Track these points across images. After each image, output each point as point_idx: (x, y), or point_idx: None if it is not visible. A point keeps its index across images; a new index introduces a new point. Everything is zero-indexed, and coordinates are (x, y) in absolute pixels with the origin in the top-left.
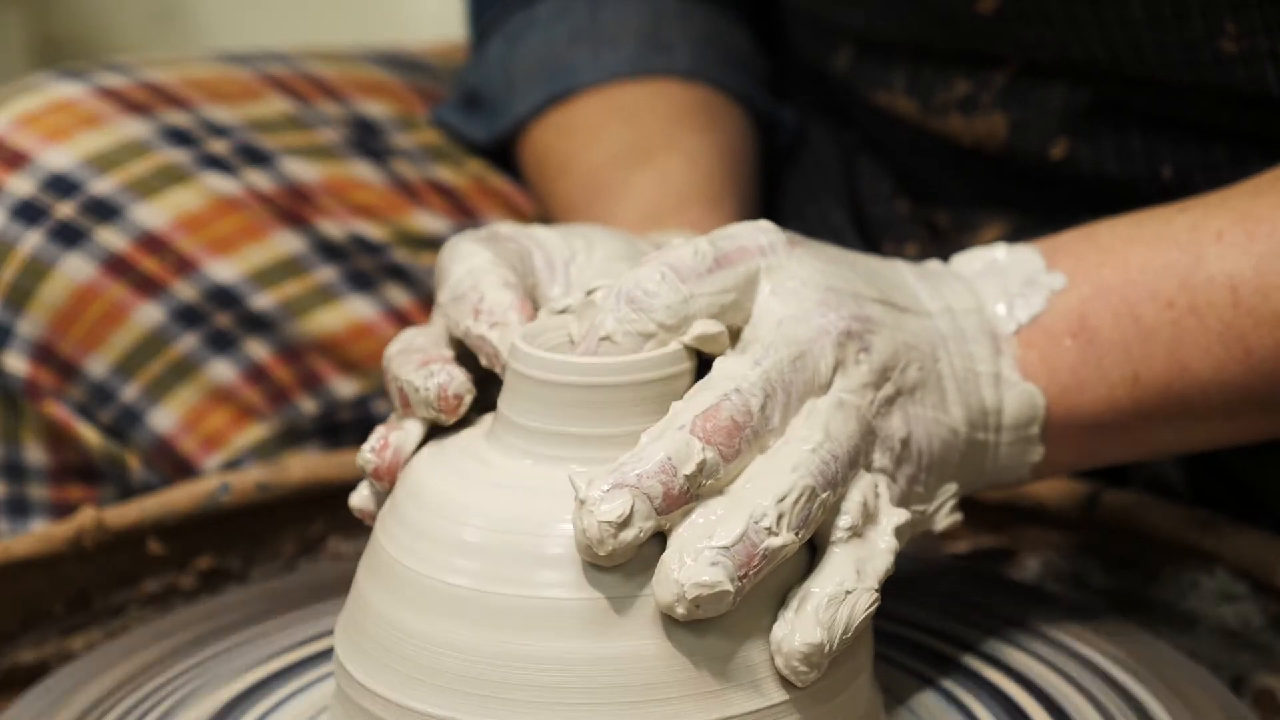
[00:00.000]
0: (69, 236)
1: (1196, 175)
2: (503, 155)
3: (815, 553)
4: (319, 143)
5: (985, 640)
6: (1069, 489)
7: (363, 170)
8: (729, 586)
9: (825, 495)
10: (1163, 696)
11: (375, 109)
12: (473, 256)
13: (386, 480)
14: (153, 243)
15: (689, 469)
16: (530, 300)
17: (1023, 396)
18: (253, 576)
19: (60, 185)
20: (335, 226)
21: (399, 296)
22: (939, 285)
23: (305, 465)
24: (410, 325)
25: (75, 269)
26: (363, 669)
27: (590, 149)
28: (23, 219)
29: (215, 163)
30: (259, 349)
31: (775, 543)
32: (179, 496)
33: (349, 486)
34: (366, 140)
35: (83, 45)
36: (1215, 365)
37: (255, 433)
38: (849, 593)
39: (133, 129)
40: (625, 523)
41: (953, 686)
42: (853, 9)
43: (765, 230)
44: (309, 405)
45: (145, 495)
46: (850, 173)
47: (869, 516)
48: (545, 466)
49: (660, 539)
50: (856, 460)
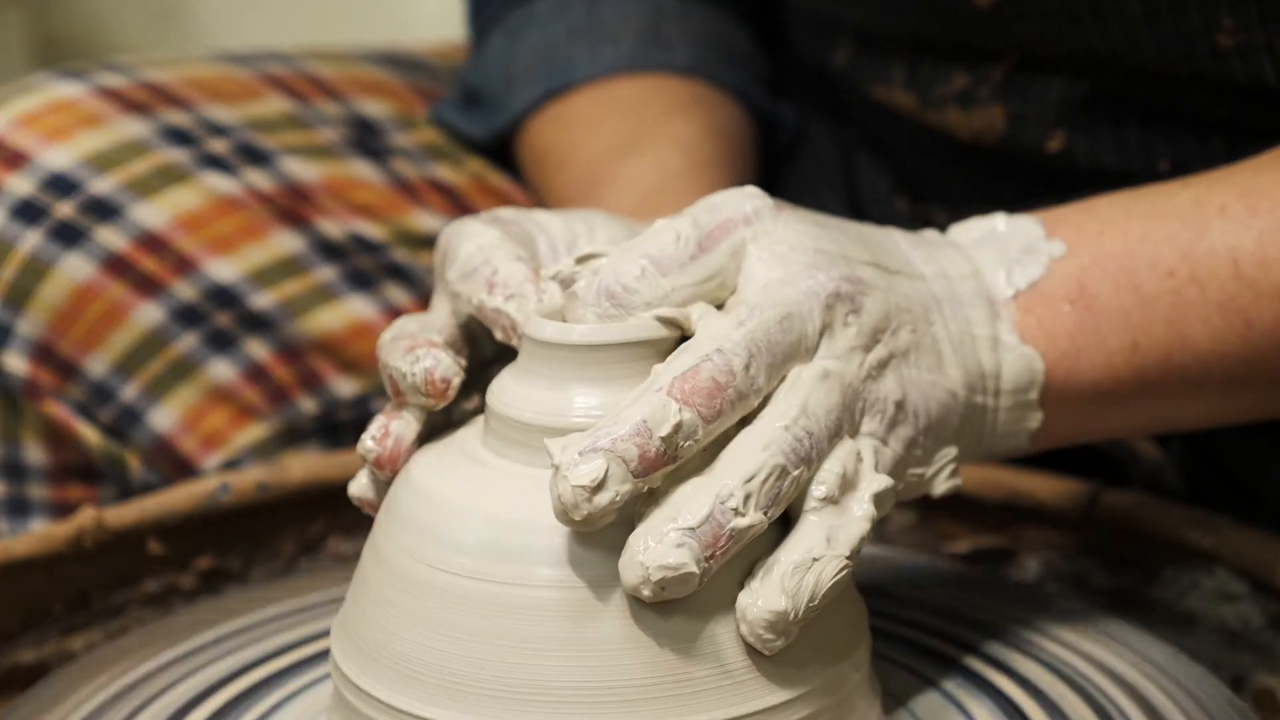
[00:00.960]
0: (69, 236)
1: (1194, 168)
2: (502, 153)
3: (789, 523)
4: (318, 142)
5: (985, 640)
6: (1069, 489)
7: (362, 170)
8: (694, 568)
9: (797, 472)
10: (1162, 697)
11: (375, 108)
12: (481, 234)
13: (388, 469)
14: (152, 242)
15: (664, 430)
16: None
17: (1021, 361)
18: (253, 576)
19: (60, 185)
20: (335, 226)
21: (399, 296)
22: (934, 252)
23: (305, 465)
24: None
25: (75, 268)
26: (359, 670)
27: (587, 142)
28: (22, 218)
29: (215, 162)
30: (259, 348)
31: (742, 523)
32: (179, 496)
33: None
34: (366, 140)
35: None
36: (1214, 336)
37: (255, 432)
38: (816, 560)
39: (132, 129)
40: (599, 486)
41: (952, 686)
42: (853, 6)
43: (751, 196)
44: (309, 405)
45: (145, 495)
46: (849, 171)
47: (847, 485)
48: (541, 466)
49: None
50: (838, 431)
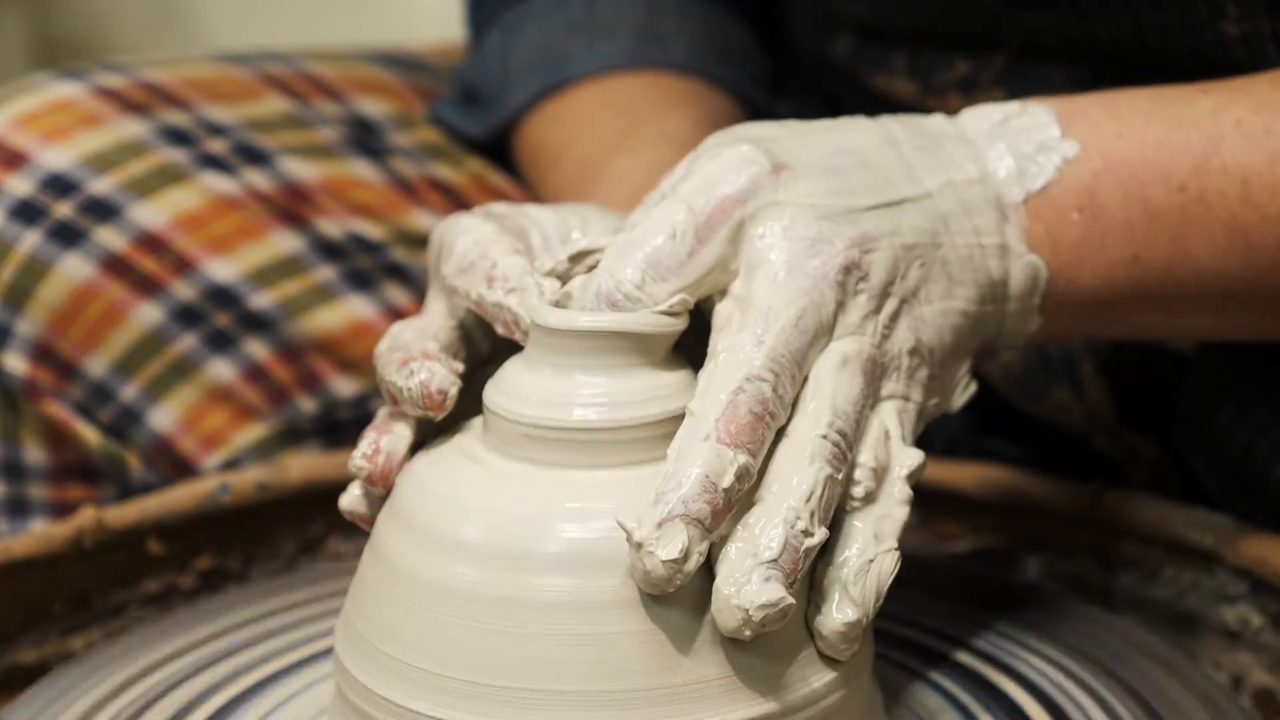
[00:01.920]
0: (67, 236)
1: None
2: (500, 151)
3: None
4: (317, 142)
5: (985, 640)
6: (1069, 489)
7: (361, 169)
8: (790, 598)
9: (841, 475)
10: (1162, 696)
11: (374, 108)
12: (476, 229)
13: (380, 485)
14: (151, 242)
15: (728, 481)
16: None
17: (1028, 269)
18: (253, 576)
19: (59, 185)
20: (334, 225)
21: (398, 295)
22: (939, 154)
23: (305, 465)
24: None
25: (74, 269)
26: (362, 669)
27: (581, 138)
28: (21, 219)
29: (214, 162)
30: (258, 348)
31: (813, 542)
32: (179, 496)
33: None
34: (365, 139)
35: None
36: (1216, 255)
37: (254, 432)
38: (871, 561)
39: (131, 129)
40: (686, 556)
41: (953, 686)
42: (859, 1)
43: (747, 163)
44: (308, 404)
45: (145, 495)
46: None
47: (880, 473)
48: (542, 466)
49: None
50: (864, 413)
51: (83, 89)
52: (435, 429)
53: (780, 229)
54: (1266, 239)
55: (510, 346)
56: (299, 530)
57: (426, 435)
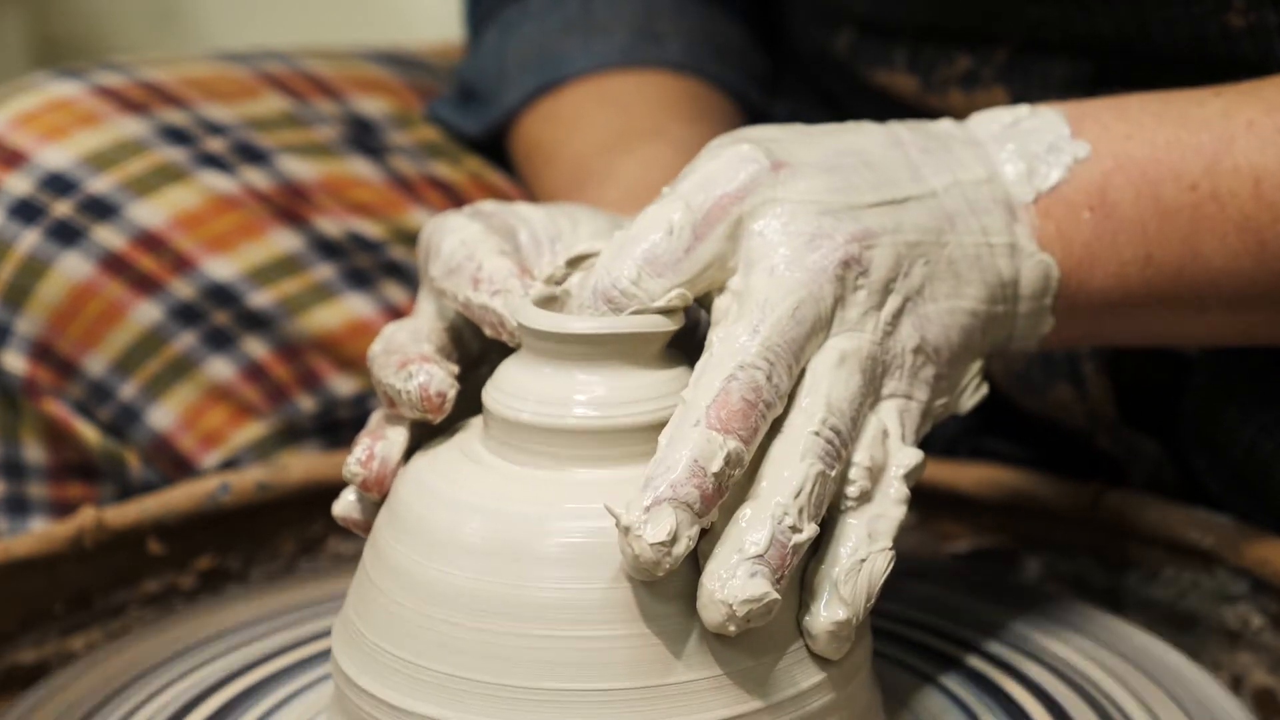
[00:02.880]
0: (66, 235)
1: None
2: (497, 149)
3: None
4: (316, 140)
5: (986, 640)
6: (1069, 489)
7: (360, 168)
8: (775, 594)
9: (834, 472)
10: (1162, 697)
11: (372, 106)
12: (463, 229)
13: (375, 491)
14: (150, 241)
15: (716, 466)
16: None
17: (1039, 268)
18: (253, 576)
19: (58, 184)
20: (333, 224)
21: (397, 294)
22: (946, 156)
23: (305, 465)
24: None
25: (73, 267)
26: (361, 670)
27: (577, 137)
28: (20, 218)
29: (212, 161)
30: (257, 347)
31: (801, 538)
32: (179, 496)
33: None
34: (363, 138)
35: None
36: (1229, 255)
37: (254, 430)
38: (864, 560)
39: (130, 128)
40: (674, 539)
41: (953, 686)
42: None
43: (746, 161)
44: (307, 403)
45: (145, 495)
46: None
47: (876, 472)
48: (540, 465)
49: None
50: (863, 410)
51: (81, 88)
52: (430, 431)
53: (779, 224)
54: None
55: (501, 347)
56: (299, 530)
57: (421, 438)
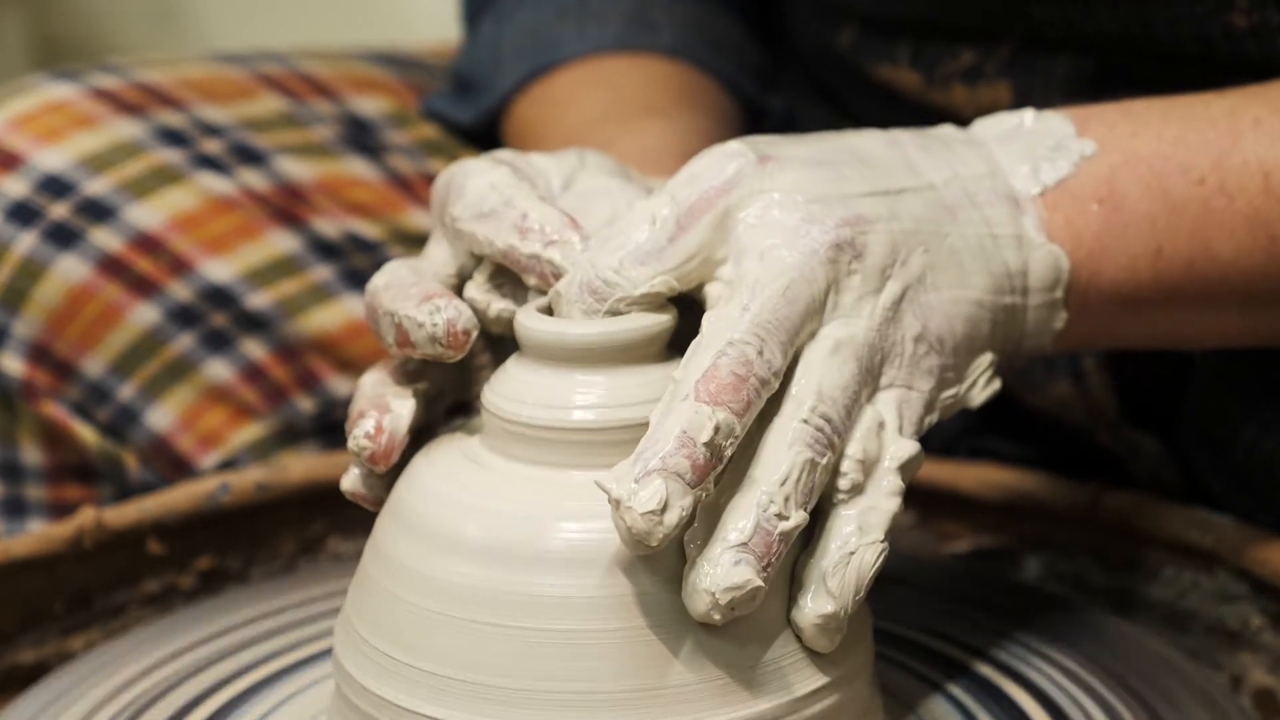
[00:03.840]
0: (63, 237)
1: None
2: (495, 143)
3: (815, 513)
4: (313, 140)
5: (986, 641)
6: (1069, 489)
7: (357, 167)
8: (759, 582)
9: (825, 460)
10: (1162, 698)
11: (369, 106)
12: (490, 172)
13: (383, 464)
14: (147, 243)
15: (705, 436)
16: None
17: (1048, 259)
18: (253, 576)
19: (54, 186)
20: (330, 225)
21: None
22: (945, 154)
23: (305, 465)
24: None
25: (70, 269)
26: (361, 669)
27: (568, 115)
28: (17, 220)
29: (209, 162)
30: (255, 348)
31: (787, 525)
32: (178, 496)
33: None
34: (361, 137)
35: (83, 45)
36: (1238, 249)
37: (252, 431)
38: (853, 553)
39: (126, 129)
40: (665, 507)
41: (953, 687)
42: None
43: (733, 155)
44: (306, 404)
45: (145, 495)
46: None
47: (869, 465)
48: (541, 466)
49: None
50: (858, 400)
51: (77, 90)
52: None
53: (768, 213)
54: None
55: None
56: (299, 530)
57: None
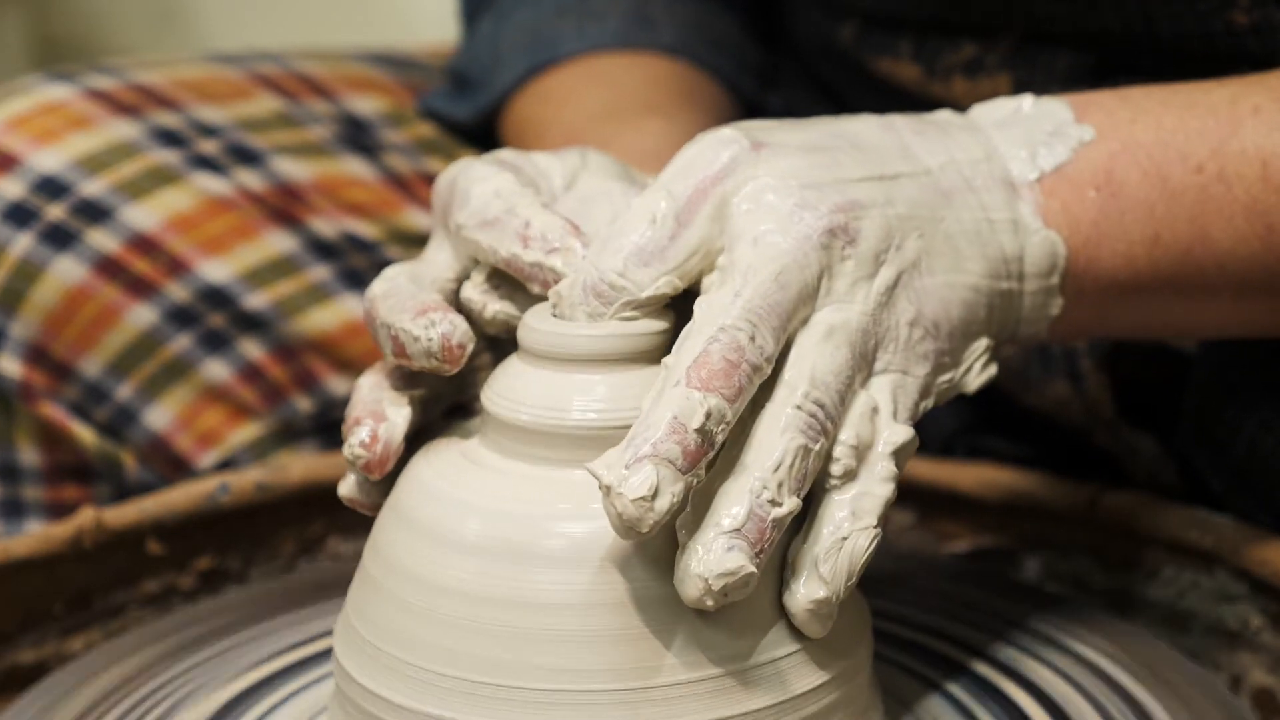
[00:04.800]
0: (60, 239)
1: None
2: (491, 141)
3: (809, 500)
4: (310, 140)
5: (985, 641)
6: (1069, 489)
7: (354, 166)
8: (751, 567)
9: (819, 445)
10: (1162, 697)
11: (365, 105)
12: (494, 178)
13: (377, 473)
14: (144, 244)
15: (696, 422)
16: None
17: (1044, 244)
18: (252, 576)
19: (50, 187)
20: (327, 225)
21: None
22: (942, 138)
23: (304, 465)
24: None
25: (67, 271)
26: (361, 669)
27: (566, 112)
28: (13, 221)
29: (206, 163)
30: (253, 348)
31: (780, 511)
32: (178, 497)
33: None
34: (357, 136)
35: (83, 45)
36: (1236, 237)
37: (250, 431)
38: (845, 539)
39: (122, 130)
40: (656, 493)
41: (952, 687)
42: None
43: (726, 143)
44: (304, 404)
45: (144, 495)
46: None
47: (862, 450)
48: (540, 465)
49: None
50: (851, 385)
51: (73, 91)
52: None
53: (762, 202)
54: None
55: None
56: (298, 530)
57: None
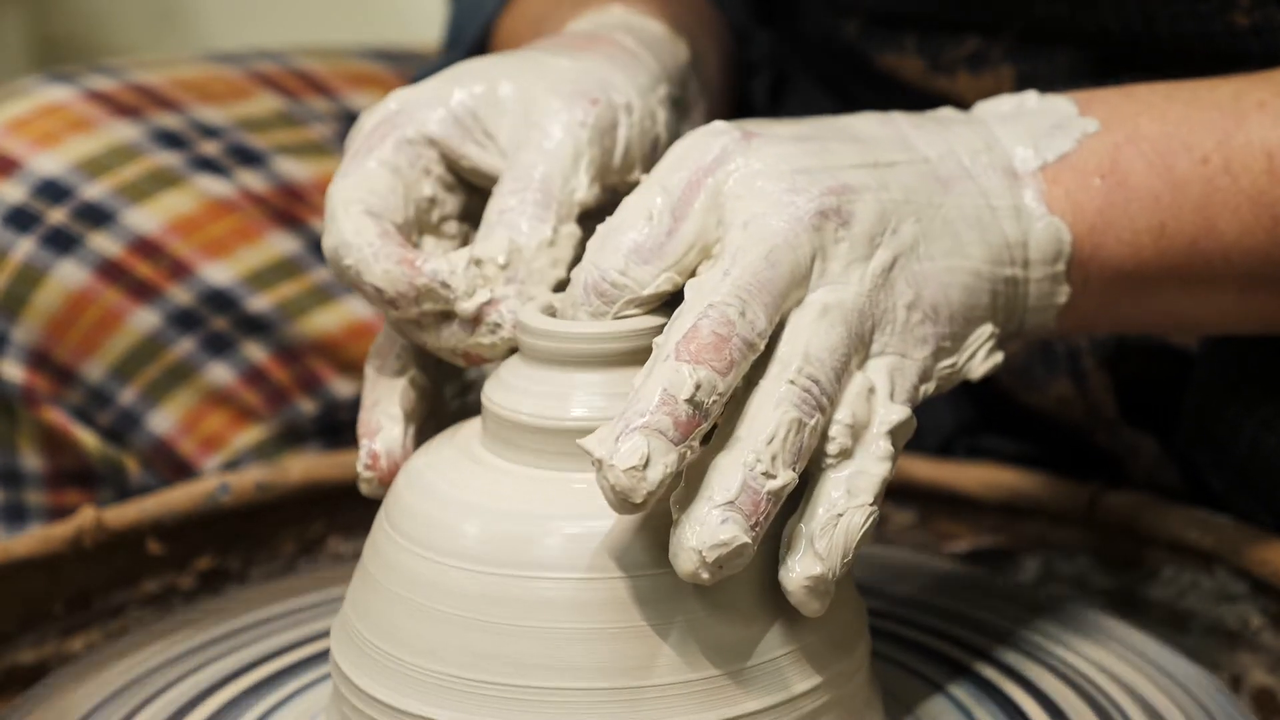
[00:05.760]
0: (62, 243)
1: None
2: None
3: (806, 481)
4: (310, 139)
5: (985, 641)
6: (1069, 489)
7: None
8: (745, 539)
9: (814, 421)
10: (1162, 697)
11: (366, 102)
12: (361, 249)
13: (390, 483)
14: (146, 247)
15: (686, 393)
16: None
17: (1049, 230)
18: (252, 576)
19: (52, 191)
20: None
21: None
22: (942, 131)
23: (304, 466)
24: None
25: (69, 275)
26: (358, 669)
27: (547, 25)
28: (15, 226)
29: (207, 164)
30: (256, 351)
31: (775, 484)
32: (178, 497)
33: (348, 486)
34: None
35: (83, 45)
36: (1242, 229)
37: (254, 434)
38: (840, 515)
39: (123, 132)
40: (647, 463)
41: (953, 687)
42: None
43: (717, 134)
44: (308, 406)
45: (144, 495)
46: None
47: (858, 429)
48: (540, 464)
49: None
50: (847, 365)
51: (73, 93)
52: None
53: (753, 185)
54: None
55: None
56: (299, 530)
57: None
